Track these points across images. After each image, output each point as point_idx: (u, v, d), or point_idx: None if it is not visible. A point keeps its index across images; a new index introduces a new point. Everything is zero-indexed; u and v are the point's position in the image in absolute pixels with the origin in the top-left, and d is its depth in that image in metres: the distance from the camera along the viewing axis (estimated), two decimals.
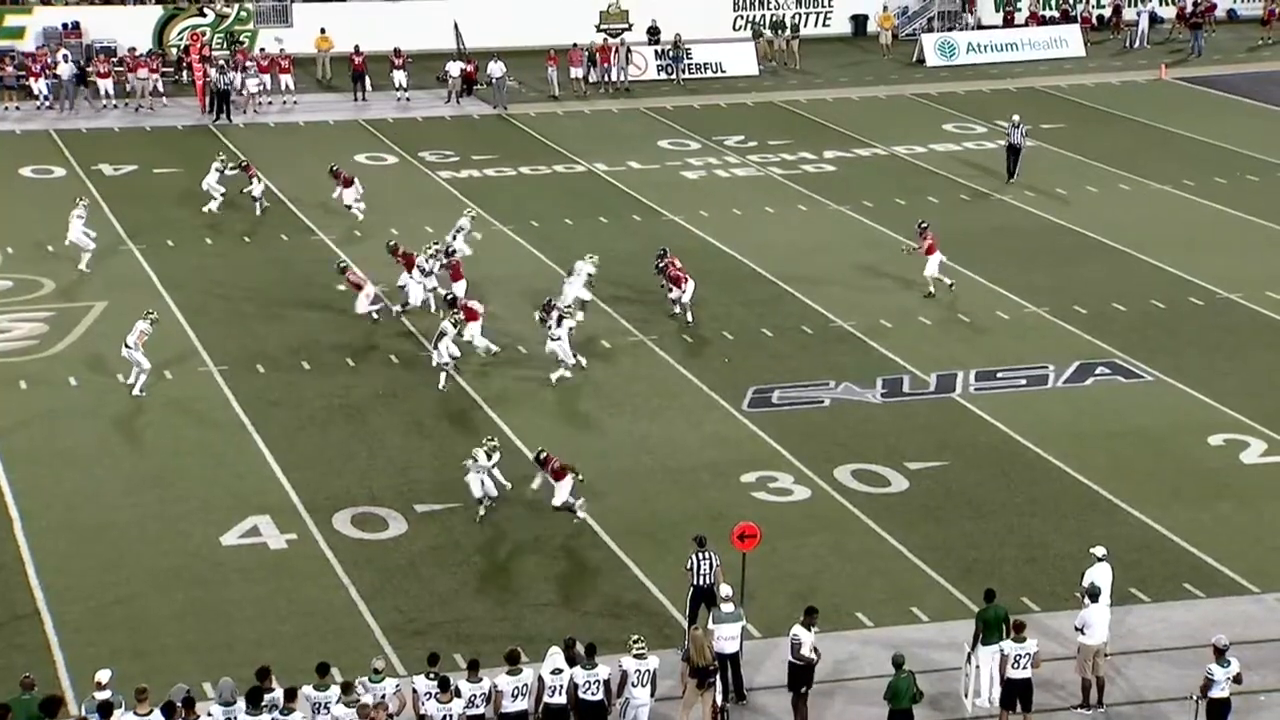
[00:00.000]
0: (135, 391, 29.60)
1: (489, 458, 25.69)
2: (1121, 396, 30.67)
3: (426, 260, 33.63)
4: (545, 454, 25.54)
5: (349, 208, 39.40)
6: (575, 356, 30.84)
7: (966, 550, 24.96)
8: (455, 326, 30.48)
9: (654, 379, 30.99)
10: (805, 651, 20.46)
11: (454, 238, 35.53)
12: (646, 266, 35.48)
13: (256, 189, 39.98)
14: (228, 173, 40.12)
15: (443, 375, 30.12)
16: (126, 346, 29.59)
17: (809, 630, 20.58)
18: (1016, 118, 44.06)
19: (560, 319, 30.79)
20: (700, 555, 22.11)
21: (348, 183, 39.55)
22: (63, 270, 35.84)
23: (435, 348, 30.24)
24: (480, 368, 31.08)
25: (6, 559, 24.31)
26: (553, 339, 30.71)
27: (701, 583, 22.00)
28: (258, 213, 39.77)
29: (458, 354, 30.41)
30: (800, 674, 20.55)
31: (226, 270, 36.49)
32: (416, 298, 33.27)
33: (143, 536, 25.05)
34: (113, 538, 25.01)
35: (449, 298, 32.18)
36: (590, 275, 33.47)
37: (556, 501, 25.21)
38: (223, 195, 39.91)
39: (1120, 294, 35.49)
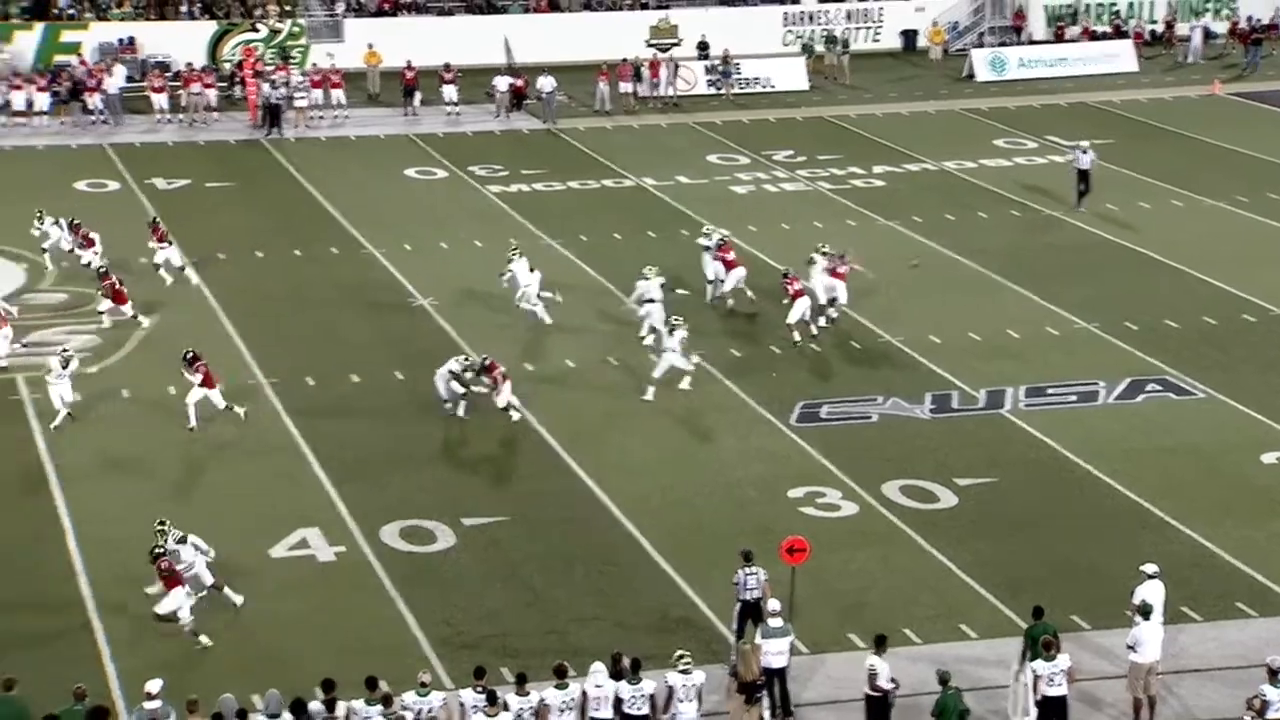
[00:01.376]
0: (54, 424, 28.82)
1: (164, 537, 23.10)
2: (1173, 413, 30.44)
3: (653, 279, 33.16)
4: (160, 552, 22.66)
5: (157, 266, 35.82)
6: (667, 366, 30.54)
7: (1015, 567, 24.81)
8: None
9: (701, 394, 30.93)
10: (882, 682, 20.24)
11: (708, 252, 35.03)
12: (693, 281, 35.51)
13: (89, 257, 35.77)
14: (46, 228, 36.91)
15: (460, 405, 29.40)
16: (47, 379, 28.99)
17: (883, 658, 20.37)
18: (1085, 143, 43.53)
19: (672, 329, 30.74)
20: (747, 570, 22.05)
21: (162, 238, 36.25)
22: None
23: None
24: (525, 383, 31.09)
25: (59, 571, 24.48)
26: (668, 349, 30.55)
27: (748, 598, 21.92)
28: (92, 268, 35.39)
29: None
30: (878, 708, 20.29)
31: (276, 283, 36.71)
32: (659, 319, 32.23)
33: None
34: None
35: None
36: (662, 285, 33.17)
37: (160, 609, 22.43)
38: (53, 248, 36.74)
39: (1172, 310, 35.23)
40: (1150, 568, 22.05)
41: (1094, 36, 62.31)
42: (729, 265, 34.76)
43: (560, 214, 42.21)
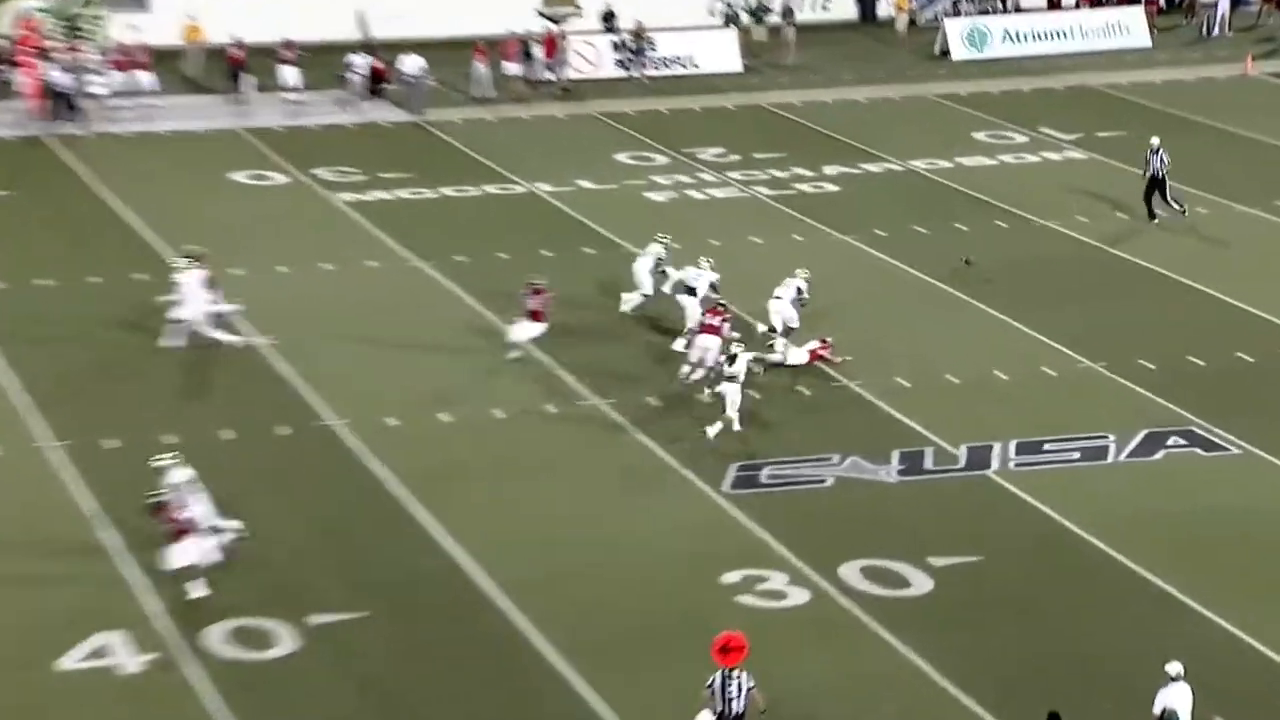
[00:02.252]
0: None
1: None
2: (1200, 473, 30.94)
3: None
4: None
5: None
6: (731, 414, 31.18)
7: (1004, 665, 25.09)
8: None
9: (612, 453, 31.11)
10: None
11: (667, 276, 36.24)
12: (604, 312, 35.69)
13: None
14: None
15: None
16: None
17: None
18: (1155, 141, 43.68)
19: (733, 358, 31.28)
20: (726, 675, 21.99)
21: None
22: None
23: None
24: (394, 444, 31.16)
25: None
26: (726, 377, 31.09)
27: (729, 710, 21.83)
28: None
29: None
30: None
31: (68, 320, 36.48)
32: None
33: None
34: None
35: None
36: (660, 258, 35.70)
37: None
38: None
39: (1198, 345, 35.80)
40: (1174, 668, 22.34)
41: (1097, 3, 63.20)
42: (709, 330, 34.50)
43: (430, 228, 42.31)
